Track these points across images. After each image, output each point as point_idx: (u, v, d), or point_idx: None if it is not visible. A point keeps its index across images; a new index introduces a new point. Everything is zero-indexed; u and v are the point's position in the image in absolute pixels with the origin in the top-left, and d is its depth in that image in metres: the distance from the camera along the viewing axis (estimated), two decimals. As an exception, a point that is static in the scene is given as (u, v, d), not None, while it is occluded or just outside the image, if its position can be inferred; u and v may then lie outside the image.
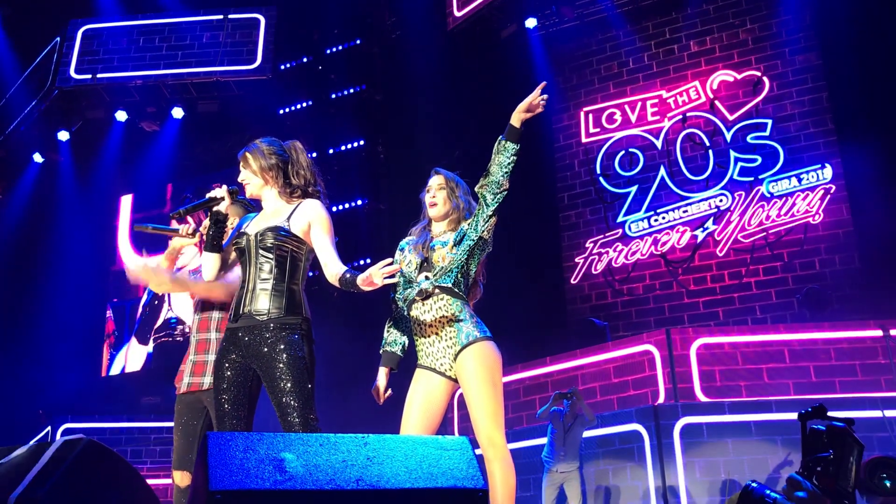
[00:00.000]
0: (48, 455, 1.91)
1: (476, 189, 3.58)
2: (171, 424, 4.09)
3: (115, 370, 12.40)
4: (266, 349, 3.18)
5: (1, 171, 13.02)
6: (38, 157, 12.61)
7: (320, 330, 3.46)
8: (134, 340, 12.50)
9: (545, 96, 3.49)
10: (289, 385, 3.10)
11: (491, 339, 3.48)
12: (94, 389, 11.53)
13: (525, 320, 10.09)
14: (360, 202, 11.45)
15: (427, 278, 3.52)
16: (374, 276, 3.00)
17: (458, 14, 11.10)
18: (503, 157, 3.51)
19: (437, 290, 3.51)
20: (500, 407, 3.36)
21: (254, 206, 3.70)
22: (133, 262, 4.03)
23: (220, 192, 3.42)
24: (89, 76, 11.71)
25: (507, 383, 9.45)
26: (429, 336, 3.50)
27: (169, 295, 11.74)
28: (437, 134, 10.84)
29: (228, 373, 3.25)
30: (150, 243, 12.16)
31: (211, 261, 3.46)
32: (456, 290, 3.52)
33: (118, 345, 12.56)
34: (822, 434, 1.39)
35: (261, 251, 3.33)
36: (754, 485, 1.38)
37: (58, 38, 11.85)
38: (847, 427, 1.35)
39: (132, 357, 12.39)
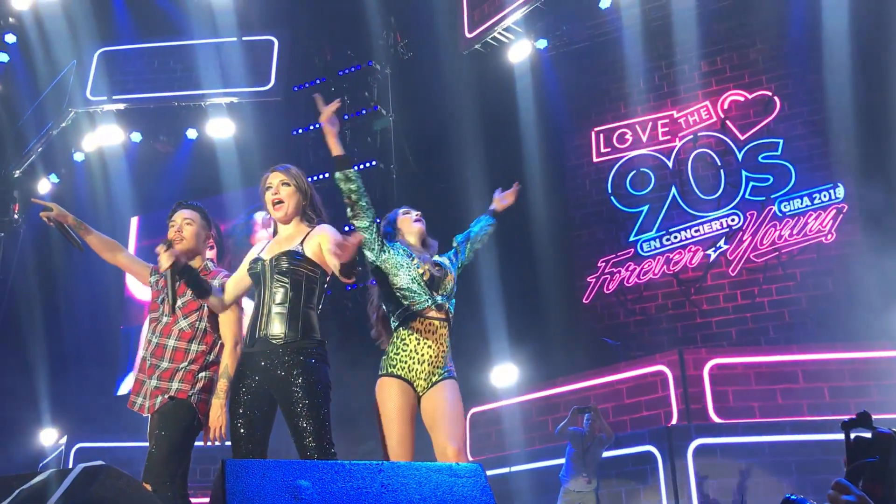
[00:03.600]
0: (68, 482, 1.93)
1: (462, 240, 4.04)
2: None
3: (121, 392, 12.40)
4: (282, 373, 3.20)
5: (18, 192, 13.14)
6: (53, 178, 12.74)
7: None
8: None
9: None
10: (305, 409, 3.13)
11: None
12: (107, 410, 11.57)
13: (537, 340, 10.08)
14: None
15: (443, 296, 3.69)
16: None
17: (469, 35, 11.17)
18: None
19: (449, 316, 3.69)
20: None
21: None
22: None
23: (164, 260, 3.49)
24: (105, 98, 11.87)
25: (520, 404, 9.43)
26: (420, 353, 3.57)
27: None
28: (449, 154, 10.90)
29: (244, 397, 3.27)
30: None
31: (222, 300, 3.65)
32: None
33: (125, 371, 12.54)
34: (868, 441, 1.40)
35: (276, 275, 3.37)
36: (794, 497, 1.38)
37: (74, 61, 12.01)
38: (893, 434, 1.35)
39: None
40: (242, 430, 3.23)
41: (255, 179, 3.69)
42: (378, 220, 3.82)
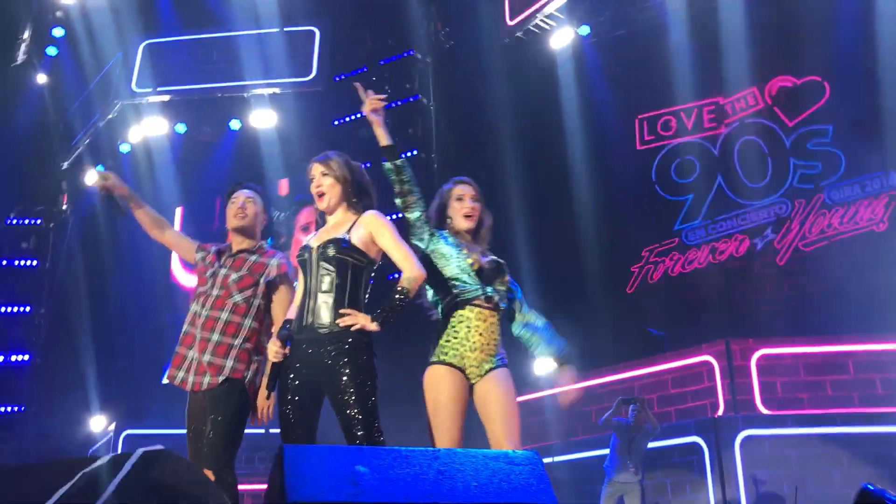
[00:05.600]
0: (129, 466, 1.95)
1: (515, 292, 3.83)
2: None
3: (166, 380, 12.58)
4: (329, 362, 3.20)
5: (66, 183, 13.41)
6: (100, 169, 12.94)
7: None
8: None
9: None
10: (352, 398, 3.12)
11: None
12: (154, 397, 11.76)
13: (581, 331, 9.98)
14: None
15: (497, 291, 3.62)
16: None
17: (510, 23, 11.10)
18: None
19: (499, 309, 3.61)
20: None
21: None
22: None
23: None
24: (150, 89, 12.05)
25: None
26: (471, 341, 3.50)
27: None
28: (491, 143, 10.86)
29: (293, 383, 3.28)
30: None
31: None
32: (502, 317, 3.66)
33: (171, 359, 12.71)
34: None
35: (322, 263, 3.35)
36: (871, 487, 1.32)
37: (120, 53, 12.19)
38: None
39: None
40: (292, 417, 3.23)
41: (297, 169, 3.71)
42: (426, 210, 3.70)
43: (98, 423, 11.53)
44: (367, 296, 3.41)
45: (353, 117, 12.33)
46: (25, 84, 13.21)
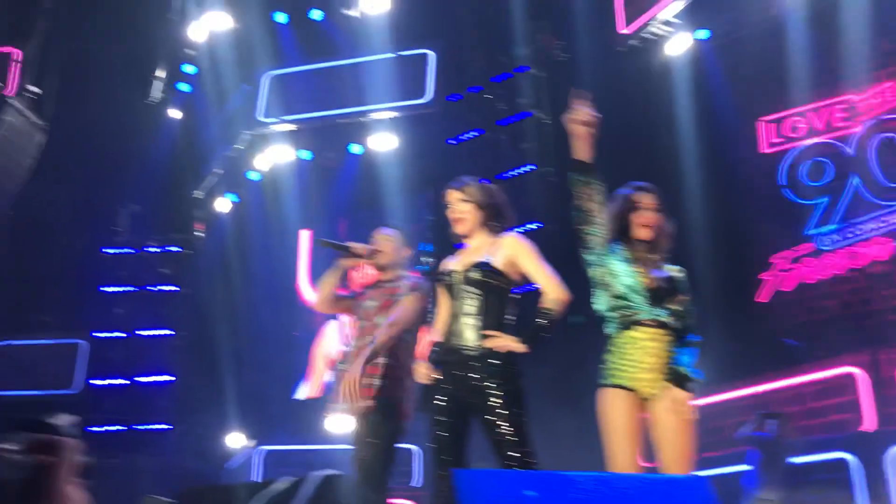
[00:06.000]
0: (309, 490, 2.03)
1: None
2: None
3: (298, 395, 12.92)
4: (477, 384, 3.25)
5: (200, 212, 14.11)
6: (233, 198, 13.61)
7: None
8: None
9: None
10: (502, 419, 3.15)
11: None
12: (289, 414, 12.16)
13: (712, 343, 9.67)
14: (532, 226, 11.49)
15: (668, 310, 3.49)
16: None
17: (625, 31, 10.95)
18: None
19: (672, 328, 3.50)
20: None
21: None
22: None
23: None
24: (275, 119, 12.60)
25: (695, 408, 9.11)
26: (642, 362, 3.41)
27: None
28: (607, 152, 10.70)
29: (443, 404, 3.34)
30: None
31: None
32: (681, 332, 3.53)
33: (301, 376, 13.07)
34: None
35: (467, 286, 3.43)
36: None
37: (247, 86, 12.81)
38: None
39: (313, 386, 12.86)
40: (445, 439, 3.29)
41: (415, 190, 3.84)
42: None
43: (235, 440, 12.01)
44: (511, 316, 3.44)
45: (468, 136, 12.49)
46: (159, 119, 14.01)
